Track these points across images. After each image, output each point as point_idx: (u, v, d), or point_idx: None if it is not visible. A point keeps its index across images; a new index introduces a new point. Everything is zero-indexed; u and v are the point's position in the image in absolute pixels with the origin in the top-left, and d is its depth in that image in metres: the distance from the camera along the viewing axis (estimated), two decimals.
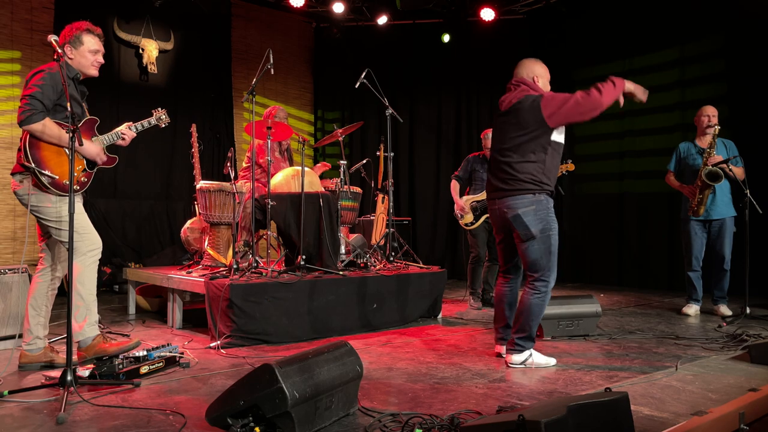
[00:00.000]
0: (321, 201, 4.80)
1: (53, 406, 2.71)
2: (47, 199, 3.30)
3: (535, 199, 3.44)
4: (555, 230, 3.48)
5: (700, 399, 2.79)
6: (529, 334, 3.48)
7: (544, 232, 3.43)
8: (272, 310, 4.17)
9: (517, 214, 3.43)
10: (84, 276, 3.34)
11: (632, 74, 7.68)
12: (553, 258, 3.47)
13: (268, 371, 2.24)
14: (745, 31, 6.64)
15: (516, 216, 3.43)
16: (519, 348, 3.48)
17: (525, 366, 3.46)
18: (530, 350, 3.49)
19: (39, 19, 7.11)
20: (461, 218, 5.78)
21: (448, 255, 8.99)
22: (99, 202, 7.33)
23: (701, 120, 5.33)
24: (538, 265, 3.45)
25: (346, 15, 8.74)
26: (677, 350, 3.91)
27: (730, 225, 5.25)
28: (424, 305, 5.16)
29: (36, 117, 3.19)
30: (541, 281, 3.46)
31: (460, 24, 8.55)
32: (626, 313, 5.49)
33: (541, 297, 3.47)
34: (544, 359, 3.51)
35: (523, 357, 3.47)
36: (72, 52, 3.44)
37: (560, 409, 1.96)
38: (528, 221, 3.41)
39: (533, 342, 3.51)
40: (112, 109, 7.31)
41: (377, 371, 3.39)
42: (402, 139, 9.22)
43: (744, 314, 4.95)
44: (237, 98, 8.71)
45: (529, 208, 3.43)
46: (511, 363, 3.49)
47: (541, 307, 3.49)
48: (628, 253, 7.76)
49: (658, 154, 6.99)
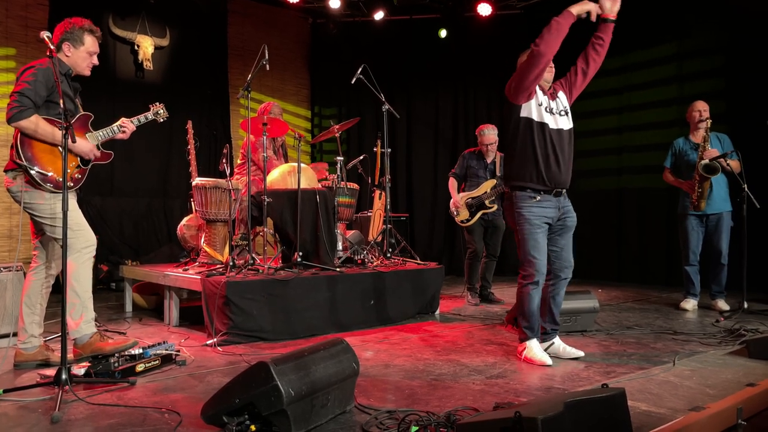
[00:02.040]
0: (318, 197, 4.78)
1: (48, 405, 2.70)
2: (40, 196, 3.28)
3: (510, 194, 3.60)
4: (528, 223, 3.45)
5: (697, 394, 2.78)
6: (526, 325, 3.51)
7: (519, 225, 3.47)
8: (269, 307, 4.15)
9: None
10: (79, 273, 3.33)
11: (631, 69, 7.68)
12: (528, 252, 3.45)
13: (263, 369, 2.23)
14: (744, 27, 6.62)
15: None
16: (521, 337, 3.56)
17: (524, 357, 3.50)
18: (527, 342, 3.50)
19: (34, 16, 7.07)
20: (456, 215, 5.77)
21: (446, 251, 8.98)
22: (95, 200, 7.31)
23: (693, 115, 5.33)
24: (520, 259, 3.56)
25: (342, 11, 8.70)
26: (675, 345, 3.90)
27: (727, 219, 5.24)
28: (421, 301, 5.15)
29: (25, 113, 3.17)
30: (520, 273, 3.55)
31: (457, 19, 8.51)
32: (624, 309, 5.49)
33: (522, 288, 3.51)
34: (539, 356, 3.45)
35: (522, 347, 3.54)
36: (70, 50, 3.41)
37: (557, 405, 1.95)
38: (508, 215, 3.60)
39: (528, 335, 3.51)
40: (108, 106, 7.25)
41: (374, 368, 3.38)
42: (399, 135, 9.19)
43: (742, 309, 4.95)
44: (233, 95, 8.68)
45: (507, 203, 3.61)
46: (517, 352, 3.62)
47: (521, 298, 3.50)
48: (627, 249, 7.75)
49: (657, 149, 6.97)
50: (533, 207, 3.46)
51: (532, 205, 3.46)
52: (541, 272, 3.47)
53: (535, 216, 3.46)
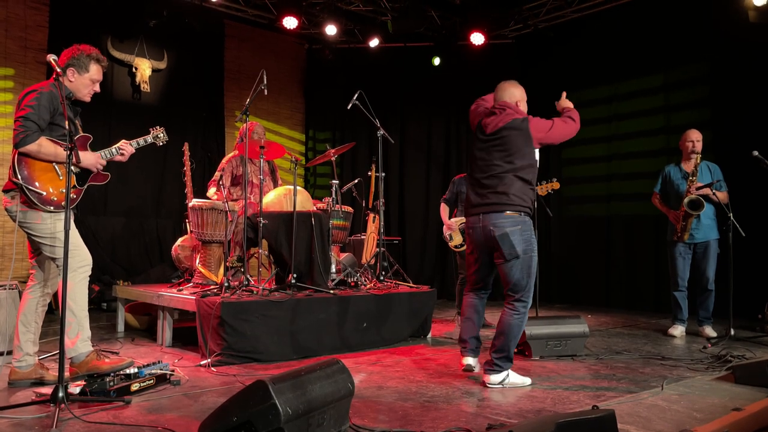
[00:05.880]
0: (313, 220, 4.84)
1: (44, 422, 2.71)
2: (37, 215, 3.30)
3: (521, 219, 3.54)
4: (536, 252, 3.58)
5: (685, 418, 2.84)
6: (507, 355, 3.52)
7: (526, 252, 3.52)
8: (263, 328, 4.18)
9: (505, 233, 3.49)
10: (75, 292, 3.35)
11: (618, 99, 7.86)
12: (532, 280, 3.57)
13: (261, 387, 2.26)
14: (729, 58, 6.82)
15: (504, 234, 3.49)
16: (497, 368, 3.50)
17: (503, 386, 3.48)
18: (507, 371, 3.53)
19: (33, 38, 7.15)
20: (450, 240, 5.84)
21: (437, 274, 9.03)
22: (89, 219, 7.32)
23: (686, 145, 5.45)
24: (519, 285, 3.53)
25: (338, 37, 8.86)
26: (663, 370, 3.96)
27: (714, 247, 5.36)
28: (413, 325, 5.19)
29: (31, 138, 3.21)
30: (521, 302, 3.55)
31: (451, 48, 8.68)
32: (613, 334, 5.55)
33: (520, 317, 3.55)
34: (521, 379, 3.55)
35: (500, 377, 3.50)
36: (74, 76, 3.47)
37: (549, 426, 2.00)
38: (515, 240, 3.49)
39: (511, 363, 3.55)
40: (105, 128, 7.33)
41: (368, 389, 3.42)
42: (392, 159, 9.30)
43: (728, 336, 5.02)
44: (229, 117, 8.77)
45: (515, 228, 3.51)
46: (489, 383, 3.50)
47: (520, 327, 3.56)
48: (616, 275, 7.84)
49: (645, 177, 7.11)
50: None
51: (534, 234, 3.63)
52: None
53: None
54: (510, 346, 3.51)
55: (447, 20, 8.70)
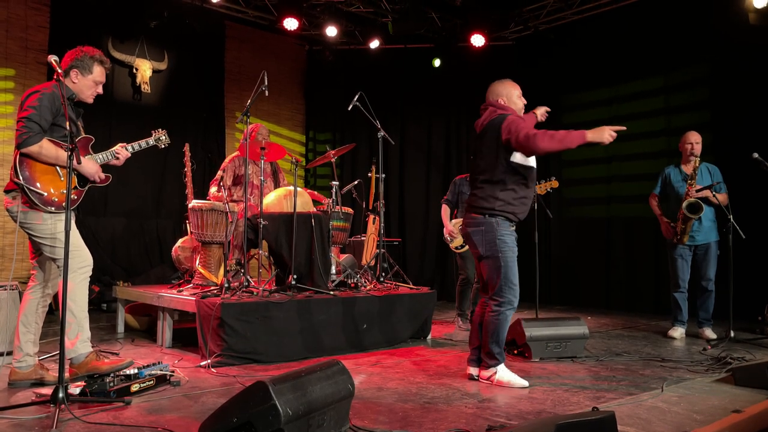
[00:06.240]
0: (313, 221, 4.84)
1: (44, 423, 2.71)
2: (38, 216, 3.31)
3: (484, 220, 3.58)
4: (508, 253, 3.56)
5: (685, 420, 2.84)
6: (488, 351, 3.59)
7: (492, 252, 3.56)
8: (263, 329, 4.18)
9: (468, 233, 3.65)
10: (75, 293, 3.35)
11: (619, 101, 7.86)
12: (507, 280, 3.55)
13: (261, 388, 2.26)
14: (729, 61, 6.82)
15: (466, 235, 3.67)
16: (485, 364, 3.63)
17: (491, 382, 3.58)
18: (495, 367, 3.58)
19: (34, 38, 7.16)
20: (451, 241, 5.84)
21: (438, 276, 9.03)
22: (89, 220, 7.32)
23: (685, 147, 5.46)
24: (491, 284, 3.60)
25: (338, 39, 8.86)
26: (663, 372, 3.96)
27: (715, 249, 5.36)
28: (413, 326, 5.19)
29: (33, 139, 3.22)
30: (494, 300, 3.59)
31: (451, 49, 8.70)
32: (613, 336, 5.55)
33: (495, 316, 3.57)
34: (509, 378, 3.55)
35: (488, 373, 3.62)
36: (77, 77, 3.48)
37: (549, 427, 2.00)
38: (476, 241, 3.59)
39: (498, 360, 3.59)
40: (105, 128, 7.33)
41: (368, 391, 3.42)
42: (392, 161, 9.31)
43: (728, 338, 5.02)
44: (229, 118, 8.78)
45: (477, 228, 3.59)
46: (481, 378, 3.66)
47: (497, 326, 3.57)
48: (616, 276, 7.84)
49: (645, 179, 7.10)
50: (512, 235, 3.65)
51: (512, 233, 3.65)
52: (517, 298, 3.62)
53: (514, 243, 3.65)
54: (488, 342, 3.58)
55: (447, 22, 8.71)
